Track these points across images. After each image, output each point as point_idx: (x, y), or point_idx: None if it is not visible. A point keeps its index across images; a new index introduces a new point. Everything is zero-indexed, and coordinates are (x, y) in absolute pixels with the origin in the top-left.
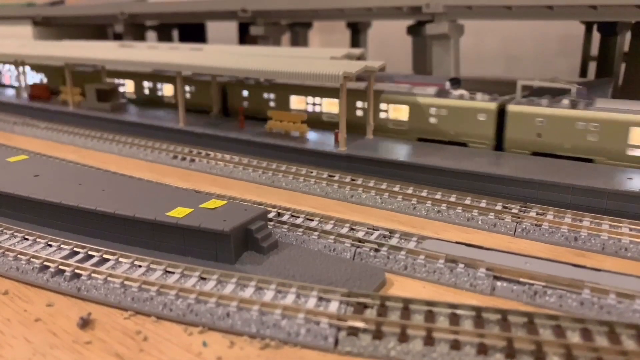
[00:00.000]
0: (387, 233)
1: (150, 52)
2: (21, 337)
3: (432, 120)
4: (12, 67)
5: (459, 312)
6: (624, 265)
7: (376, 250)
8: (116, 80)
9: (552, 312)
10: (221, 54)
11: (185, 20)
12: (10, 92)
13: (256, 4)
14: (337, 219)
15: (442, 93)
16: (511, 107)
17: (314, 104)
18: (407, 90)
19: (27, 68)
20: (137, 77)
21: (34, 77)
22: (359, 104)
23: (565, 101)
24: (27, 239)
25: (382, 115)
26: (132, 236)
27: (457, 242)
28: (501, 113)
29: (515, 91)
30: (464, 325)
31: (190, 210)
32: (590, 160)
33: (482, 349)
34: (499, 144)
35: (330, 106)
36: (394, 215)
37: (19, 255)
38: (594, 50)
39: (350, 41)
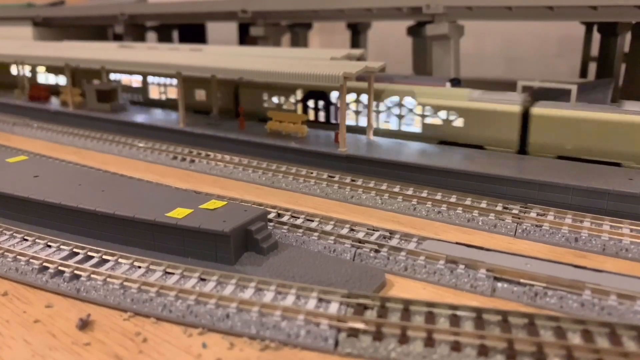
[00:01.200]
0: (387, 234)
1: (150, 52)
2: (20, 338)
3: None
4: (161, 78)
5: (459, 313)
6: (624, 266)
7: (376, 251)
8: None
9: (553, 313)
10: (221, 55)
11: (186, 21)
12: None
13: (256, 4)
14: (337, 220)
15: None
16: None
17: None
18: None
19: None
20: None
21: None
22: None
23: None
24: (26, 240)
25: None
26: (132, 237)
27: (457, 243)
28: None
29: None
30: (464, 327)
31: (190, 211)
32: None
33: (483, 351)
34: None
35: None
36: (394, 216)
37: (18, 256)
38: (594, 51)
39: (350, 42)
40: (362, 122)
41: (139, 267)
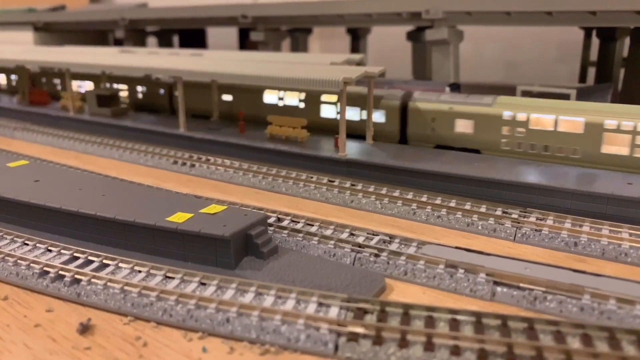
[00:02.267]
0: (387, 238)
1: (150, 57)
2: (21, 342)
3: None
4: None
5: (459, 317)
6: (624, 271)
7: (376, 255)
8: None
9: (552, 317)
10: (221, 60)
11: (186, 26)
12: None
13: (256, 10)
14: (337, 224)
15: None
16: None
17: None
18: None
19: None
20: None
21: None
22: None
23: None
24: (27, 244)
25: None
26: (132, 241)
27: (457, 248)
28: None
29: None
30: (464, 331)
31: (190, 215)
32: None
33: (483, 355)
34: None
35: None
36: (394, 220)
37: (18, 261)
38: (593, 55)
39: (350, 47)
40: None
41: (140, 271)
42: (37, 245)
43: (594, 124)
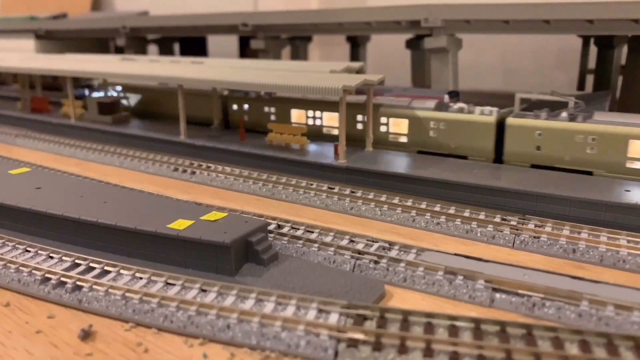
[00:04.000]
0: (386, 245)
1: (151, 65)
2: (22, 349)
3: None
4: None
5: (458, 323)
6: (622, 277)
7: (376, 262)
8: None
9: (551, 323)
10: (222, 68)
11: (187, 34)
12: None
13: (257, 18)
14: (336, 231)
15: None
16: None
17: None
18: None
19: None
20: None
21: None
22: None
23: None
24: (28, 251)
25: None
26: (133, 248)
27: (456, 254)
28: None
29: (514, 104)
30: (463, 337)
31: (191, 222)
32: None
33: None
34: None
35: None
36: (394, 227)
37: (20, 267)
38: (592, 63)
39: (349, 55)
40: None
41: (141, 278)
42: (39, 252)
43: None
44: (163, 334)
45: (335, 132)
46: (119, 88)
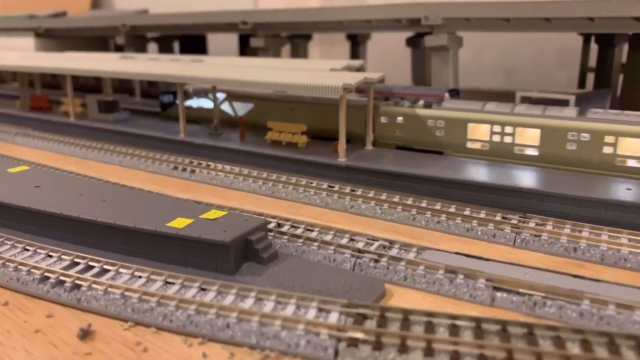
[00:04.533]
0: (386, 244)
1: (151, 63)
2: (21, 348)
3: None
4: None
5: (458, 323)
6: (623, 276)
7: (376, 261)
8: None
9: (552, 323)
10: (222, 66)
11: (186, 32)
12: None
13: (256, 16)
14: (337, 230)
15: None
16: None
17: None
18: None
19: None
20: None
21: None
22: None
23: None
24: (27, 250)
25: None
26: (133, 247)
27: (456, 253)
28: None
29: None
30: (463, 336)
31: (191, 221)
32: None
33: None
34: None
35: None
36: (394, 225)
37: (19, 266)
38: (592, 61)
39: (349, 53)
40: None
41: (140, 277)
42: (38, 250)
43: None
44: (162, 333)
45: (531, 151)
46: (220, 95)
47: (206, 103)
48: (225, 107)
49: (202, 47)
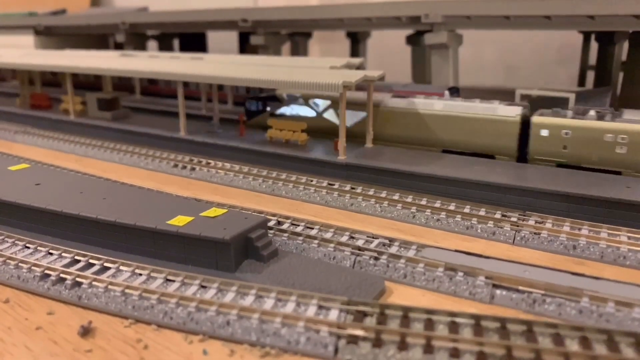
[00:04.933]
0: (386, 241)
1: (151, 61)
2: (22, 345)
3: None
4: None
5: (458, 320)
6: (622, 274)
7: (376, 258)
8: None
9: (551, 320)
10: (222, 64)
11: (186, 29)
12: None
13: (256, 14)
14: (336, 227)
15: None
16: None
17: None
18: None
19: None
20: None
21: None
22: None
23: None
24: (28, 248)
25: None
26: (133, 244)
27: (456, 251)
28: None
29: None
30: (463, 334)
31: (191, 218)
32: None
33: (482, 357)
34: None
35: None
36: (394, 223)
37: (20, 264)
38: (592, 59)
39: (349, 51)
40: None
41: (140, 274)
42: (38, 248)
43: None
44: (163, 330)
45: None
46: (322, 102)
47: (303, 110)
48: (330, 115)
49: (202, 44)
